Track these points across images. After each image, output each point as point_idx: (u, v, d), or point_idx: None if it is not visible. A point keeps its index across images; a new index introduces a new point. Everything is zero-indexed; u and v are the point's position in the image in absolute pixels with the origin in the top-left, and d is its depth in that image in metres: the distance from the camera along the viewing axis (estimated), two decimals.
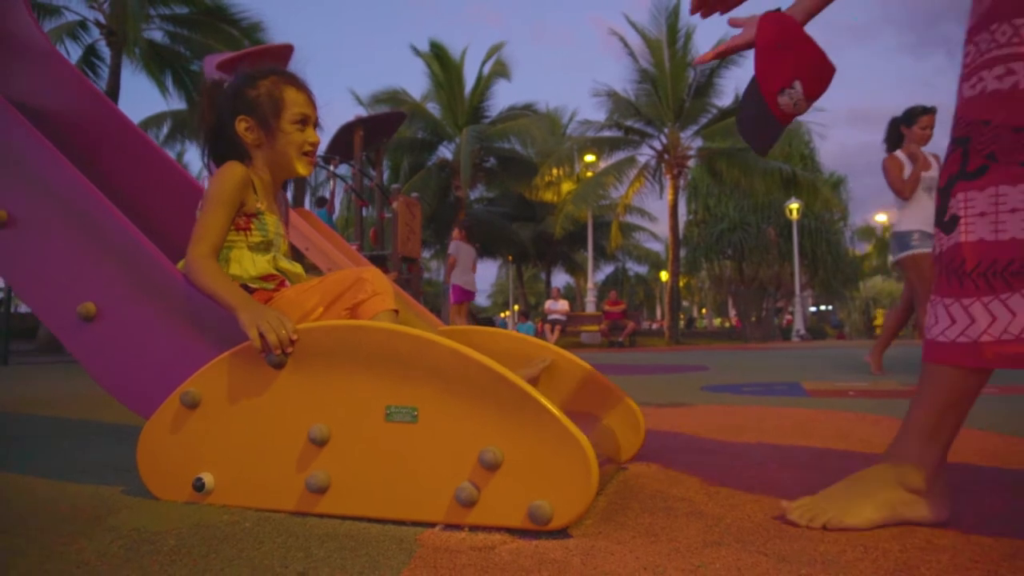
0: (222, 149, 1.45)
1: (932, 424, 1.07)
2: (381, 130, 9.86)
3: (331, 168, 9.28)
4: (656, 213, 29.10)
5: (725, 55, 1.36)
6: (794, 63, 1.25)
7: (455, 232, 9.12)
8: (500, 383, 1.05)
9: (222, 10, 13.26)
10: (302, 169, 1.45)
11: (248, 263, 1.37)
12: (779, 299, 25.01)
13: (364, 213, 9.50)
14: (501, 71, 20.64)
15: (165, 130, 15.95)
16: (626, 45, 17.63)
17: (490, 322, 29.61)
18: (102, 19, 12.40)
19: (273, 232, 1.44)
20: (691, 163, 18.40)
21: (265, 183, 1.44)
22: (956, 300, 1.02)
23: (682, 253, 21.80)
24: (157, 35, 13.48)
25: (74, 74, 2.03)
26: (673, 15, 17.08)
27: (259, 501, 1.16)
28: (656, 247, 34.15)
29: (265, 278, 1.39)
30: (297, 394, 1.15)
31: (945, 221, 1.05)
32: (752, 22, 1.29)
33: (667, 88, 17.36)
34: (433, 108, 20.58)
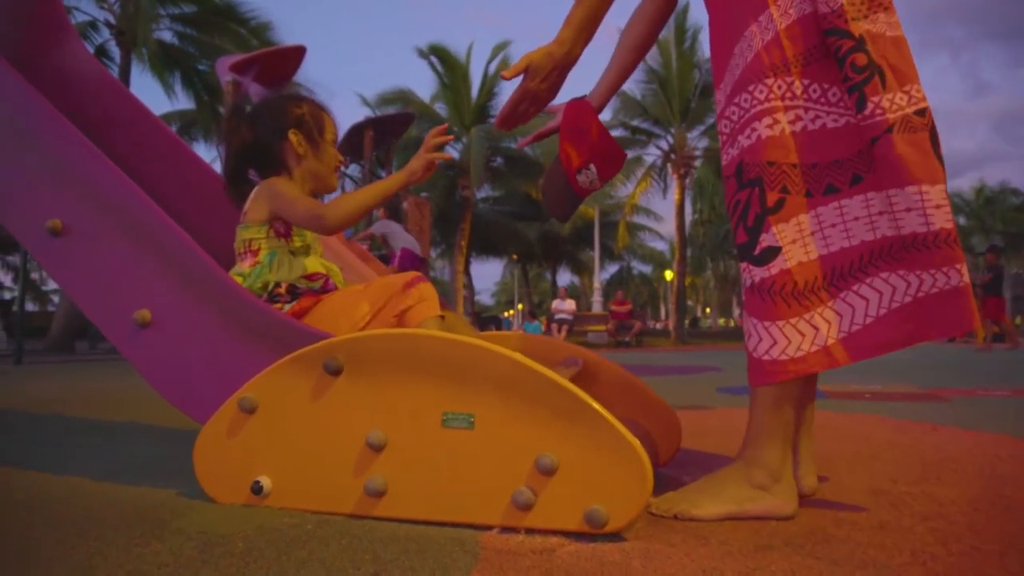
0: (257, 164, 1.52)
1: (766, 427, 1.21)
2: (390, 130, 9.92)
3: (342, 169, 9.32)
4: (661, 212, 29.09)
5: (540, 139, 1.58)
6: (589, 148, 1.45)
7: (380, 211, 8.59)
8: (556, 390, 1.08)
9: (231, 9, 13.32)
10: (334, 183, 1.58)
11: (291, 266, 1.43)
12: None
13: (374, 215, 9.53)
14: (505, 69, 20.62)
15: (174, 130, 15.99)
16: None
17: (496, 321, 29.64)
18: (112, 19, 12.46)
19: (310, 236, 1.51)
20: (697, 163, 18.41)
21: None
22: (774, 322, 1.17)
23: (687, 252, 21.78)
24: (166, 35, 13.54)
25: (113, 84, 2.08)
26: (681, 14, 17.08)
27: (317, 504, 1.19)
28: (661, 246, 34.17)
29: (310, 277, 1.44)
30: (354, 400, 1.19)
31: (756, 255, 1.19)
32: (561, 109, 1.49)
33: (674, 88, 17.37)
34: (440, 108, 20.61)
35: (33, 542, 1.05)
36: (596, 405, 1.07)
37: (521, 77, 1.35)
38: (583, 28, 1.35)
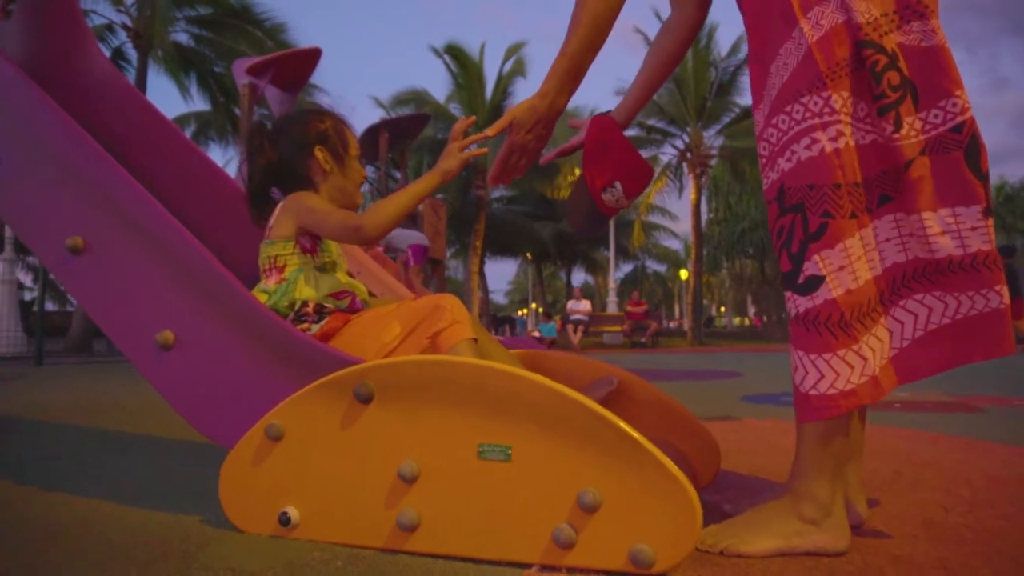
0: (282, 182, 1.49)
1: (815, 459, 1.16)
2: (406, 132, 9.89)
3: None
4: (676, 211, 28.95)
5: (564, 155, 1.52)
6: (614, 166, 1.40)
7: None
8: (598, 422, 1.03)
9: (247, 11, 13.34)
10: (360, 198, 1.55)
11: (319, 283, 1.40)
12: None
13: None
14: (519, 70, 20.59)
15: (190, 132, 16.09)
16: (649, 43, 17.51)
17: (510, 321, 29.61)
18: (129, 22, 12.52)
19: (336, 252, 1.47)
20: (713, 162, 18.26)
21: None
22: (820, 355, 1.11)
23: (703, 251, 21.64)
24: (182, 37, 13.59)
25: (131, 91, 2.05)
26: None
27: (346, 537, 1.15)
28: (675, 245, 33.98)
29: (336, 295, 1.41)
30: (385, 429, 1.14)
31: (800, 284, 1.13)
32: (585, 124, 1.46)
33: (690, 86, 17.22)
34: (455, 108, 20.58)
35: None
36: (642, 439, 1.01)
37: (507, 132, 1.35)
38: (567, 80, 1.33)
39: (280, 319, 1.31)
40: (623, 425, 1.02)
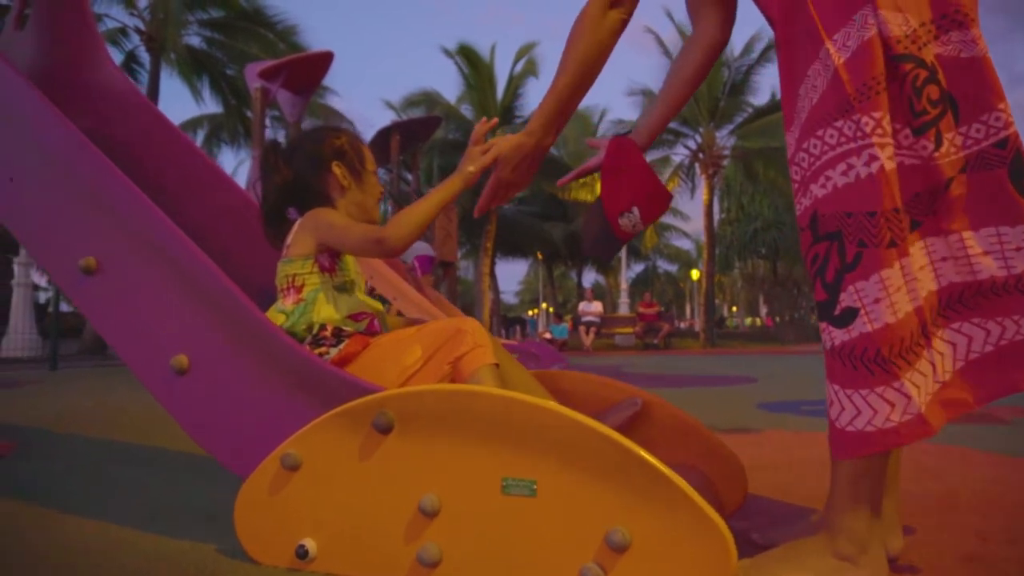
0: (298, 201, 1.46)
1: (851, 494, 1.10)
2: (417, 135, 9.88)
3: None
4: (687, 211, 28.84)
5: (582, 176, 1.51)
6: (632, 190, 1.37)
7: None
8: (628, 458, 0.99)
9: (259, 13, 13.39)
10: (378, 214, 1.52)
11: (337, 304, 1.37)
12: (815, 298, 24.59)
13: None
14: (531, 69, 20.53)
15: (202, 134, 16.16)
16: (661, 43, 17.42)
17: (520, 321, 29.56)
18: (142, 26, 12.59)
19: (354, 272, 1.44)
20: (726, 163, 18.14)
21: None
22: (857, 390, 1.05)
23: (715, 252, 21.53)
24: (195, 40, 13.66)
25: (144, 103, 2.03)
26: None
27: (365, 571, 1.11)
28: (687, 245, 33.84)
29: (355, 316, 1.37)
30: (405, 461, 1.11)
31: (836, 315, 1.07)
32: (603, 145, 1.42)
33: (702, 87, 17.10)
34: (465, 110, 20.55)
35: None
36: (674, 476, 0.97)
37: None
38: (554, 118, 1.32)
39: (297, 344, 1.28)
40: (654, 461, 0.98)
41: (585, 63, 1.28)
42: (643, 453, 0.99)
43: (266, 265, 1.55)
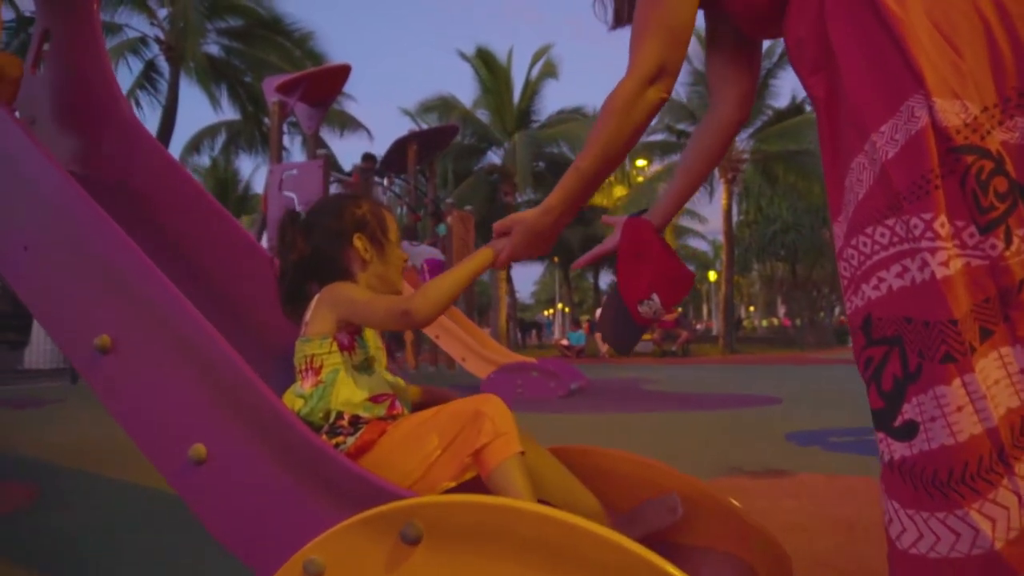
0: (317, 276, 1.40)
1: None
2: (435, 144, 9.86)
3: (385, 184, 9.29)
4: (704, 213, 28.65)
5: (596, 259, 1.45)
6: (651, 275, 1.30)
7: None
8: None
9: (277, 21, 13.45)
10: (401, 284, 1.45)
11: (355, 386, 1.30)
12: (835, 301, 24.30)
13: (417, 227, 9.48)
14: (549, 71, 20.46)
15: (220, 141, 16.26)
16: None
17: (536, 325, 29.51)
18: (161, 35, 12.68)
19: (374, 347, 1.37)
20: (744, 166, 17.96)
21: None
22: (918, 511, 0.95)
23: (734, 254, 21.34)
24: (213, 49, 13.74)
25: (154, 144, 2.00)
26: None
27: None
28: (703, 246, 33.59)
29: (376, 399, 1.31)
30: (434, 575, 1.04)
31: (896, 427, 0.97)
32: (619, 224, 1.36)
33: None
34: (482, 114, 20.53)
35: None
36: None
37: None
38: (576, 196, 1.23)
39: (314, 436, 1.22)
40: None
41: (615, 145, 1.20)
42: None
43: (287, 326, 1.49)
